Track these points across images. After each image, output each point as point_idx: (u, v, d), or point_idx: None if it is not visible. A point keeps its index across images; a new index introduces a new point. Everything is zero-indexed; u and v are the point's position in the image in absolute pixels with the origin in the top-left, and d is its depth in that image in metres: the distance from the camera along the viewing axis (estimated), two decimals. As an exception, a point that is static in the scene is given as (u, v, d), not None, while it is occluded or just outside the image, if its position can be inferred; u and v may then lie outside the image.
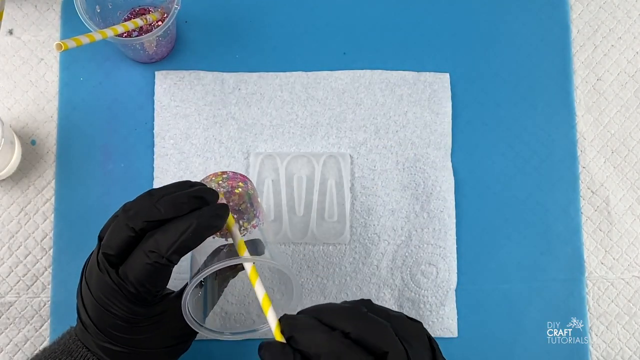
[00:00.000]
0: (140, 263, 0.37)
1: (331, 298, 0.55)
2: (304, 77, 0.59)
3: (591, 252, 0.58)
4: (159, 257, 0.37)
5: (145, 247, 0.37)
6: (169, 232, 0.37)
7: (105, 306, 0.38)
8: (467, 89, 0.60)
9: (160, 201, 0.38)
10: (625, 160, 0.60)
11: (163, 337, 0.41)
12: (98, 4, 0.54)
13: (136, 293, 0.38)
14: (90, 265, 0.39)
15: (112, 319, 0.39)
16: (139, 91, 0.58)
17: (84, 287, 0.40)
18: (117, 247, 0.38)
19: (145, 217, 0.37)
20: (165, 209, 0.38)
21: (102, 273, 0.38)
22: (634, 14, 0.62)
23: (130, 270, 0.37)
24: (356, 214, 0.57)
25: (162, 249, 0.37)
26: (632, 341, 0.57)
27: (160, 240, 0.37)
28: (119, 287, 0.38)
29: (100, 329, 0.39)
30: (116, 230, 0.38)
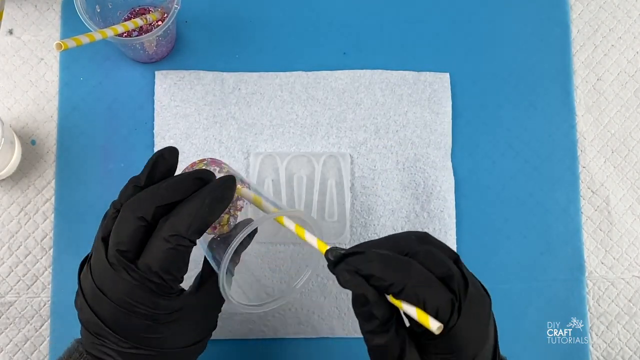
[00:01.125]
0: (162, 250, 0.36)
1: (331, 298, 0.56)
2: (304, 77, 0.59)
3: (591, 252, 0.58)
4: (181, 239, 0.36)
5: (163, 232, 0.36)
6: (184, 213, 0.36)
7: (129, 308, 0.37)
8: (467, 89, 0.60)
9: (163, 187, 0.37)
10: (626, 160, 0.60)
11: (184, 334, 0.40)
12: (98, 4, 0.54)
13: (160, 283, 0.36)
14: (100, 272, 0.37)
15: (138, 320, 0.37)
16: (139, 91, 0.58)
17: (97, 298, 0.37)
18: (130, 241, 0.36)
19: (155, 204, 0.37)
20: (171, 192, 0.37)
21: (121, 273, 0.36)
22: (634, 13, 0.62)
23: (153, 260, 0.36)
24: (356, 214, 0.57)
25: (182, 230, 0.36)
26: (632, 341, 0.57)
27: (178, 222, 0.36)
28: (142, 282, 0.36)
29: (124, 335, 0.37)
30: (124, 224, 0.37)
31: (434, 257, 0.36)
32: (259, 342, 0.55)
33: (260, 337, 0.55)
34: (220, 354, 0.55)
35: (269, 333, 0.55)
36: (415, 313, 0.34)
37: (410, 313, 0.34)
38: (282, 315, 0.55)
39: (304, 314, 0.55)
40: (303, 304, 0.55)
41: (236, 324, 0.55)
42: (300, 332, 0.55)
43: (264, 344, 0.55)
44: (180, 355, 0.40)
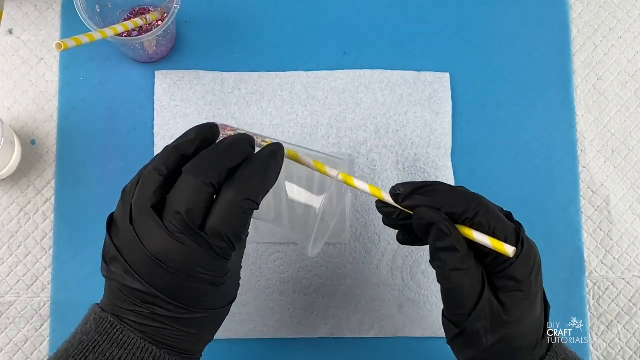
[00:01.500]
0: (235, 214, 0.36)
1: (331, 298, 0.56)
2: (304, 77, 0.59)
3: (591, 251, 0.58)
4: (251, 202, 0.37)
5: (233, 197, 0.36)
6: (252, 177, 0.37)
7: (191, 274, 0.37)
8: (467, 89, 0.60)
9: (223, 151, 0.38)
10: (626, 159, 0.60)
11: (230, 292, 0.41)
12: (98, 4, 0.54)
13: (225, 246, 0.37)
14: (156, 242, 0.36)
15: (198, 285, 0.37)
16: (139, 91, 0.58)
17: (152, 268, 0.36)
18: (200, 208, 0.36)
19: (223, 168, 0.37)
20: (235, 157, 0.38)
21: (184, 240, 0.36)
22: (634, 13, 0.62)
23: (224, 225, 0.36)
24: (356, 214, 0.57)
25: (252, 194, 0.37)
26: (632, 341, 0.57)
27: (248, 187, 0.37)
28: (209, 247, 0.36)
29: (180, 302, 0.37)
30: (192, 191, 0.36)
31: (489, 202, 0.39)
32: (259, 342, 0.55)
33: (260, 337, 0.55)
34: (220, 354, 0.54)
35: (269, 333, 0.55)
36: (489, 240, 0.36)
37: (483, 241, 0.36)
38: (282, 315, 0.55)
39: (304, 314, 0.55)
40: (303, 304, 0.55)
41: (236, 324, 0.55)
42: (300, 332, 0.55)
43: (264, 344, 0.55)
44: (224, 313, 0.42)
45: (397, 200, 0.40)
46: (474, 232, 0.37)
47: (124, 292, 0.38)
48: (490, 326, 0.38)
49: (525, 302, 0.38)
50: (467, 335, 0.39)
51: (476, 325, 0.38)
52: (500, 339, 0.38)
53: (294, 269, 0.56)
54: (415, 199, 0.38)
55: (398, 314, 0.55)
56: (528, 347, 0.39)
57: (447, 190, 0.39)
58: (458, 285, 0.37)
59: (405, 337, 0.55)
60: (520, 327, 0.38)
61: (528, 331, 0.39)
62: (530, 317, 0.39)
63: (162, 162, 0.38)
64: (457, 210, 0.37)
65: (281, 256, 0.56)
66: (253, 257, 0.56)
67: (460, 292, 0.38)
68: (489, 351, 0.38)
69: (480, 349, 0.38)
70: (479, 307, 0.37)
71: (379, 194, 0.40)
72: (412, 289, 0.56)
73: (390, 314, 0.55)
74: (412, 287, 0.56)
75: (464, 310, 0.38)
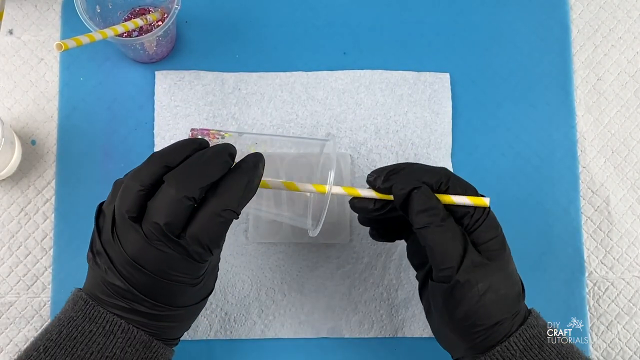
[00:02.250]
0: (215, 224, 0.39)
1: (331, 298, 0.56)
2: (304, 77, 0.59)
3: (591, 252, 0.58)
4: (231, 213, 0.39)
5: (214, 208, 0.38)
6: (232, 189, 0.39)
7: (168, 278, 0.39)
8: (467, 89, 0.60)
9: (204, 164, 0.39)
10: (626, 160, 0.60)
11: (205, 289, 0.44)
12: (98, 4, 0.54)
13: (204, 253, 0.39)
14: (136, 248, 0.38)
15: (175, 287, 0.40)
16: (139, 91, 0.58)
17: (131, 269, 0.39)
18: (180, 220, 0.38)
19: (203, 183, 0.38)
20: (216, 171, 0.39)
21: (163, 248, 0.38)
22: (634, 13, 0.62)
23: (203, 234, 0.38)
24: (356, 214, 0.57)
25: (233, 205, 0.39)
26: (632, 341, 0.57)
27: (229, 198, 0.39)
28: (187, 254, 0.39)
29: (158, 300, 0.40)
30: (173, 204, 0.38)
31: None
32: (259, 342, 0.55)
33: (260, 337, 0.55)
34: (220, 354, 0.55)
35: (269, 333, 0.55)
36: (467, 198, 0.41)
37: (462, 201, 0.41)
38: (282, 315, 0.55)
39: (304, 314, 0.55)
40: (303, 304, 0.55)
41: (236, 324, 0.55)
42: (300, 332, 0.55)
43: (264, 344, 0.55)
44: (201, 306, 0.44)
45: (374, 185, 0.43)
46: (452, 197, 0.42)
47: (106, 286, 0.40)
48: (479, 275, 0.41)
49: (502, 252, 0.42)
50: (459, 287, 0.41)
51: (466, 276, 0.40)
52: (490, 286, 0.41)
53: (294, 269, 0.56)
54: (391, 179, 0.42)
55: (398, 314, 0.55)
56: (513, 297, 0.42)
57: (418, 166, 0.43)
58: (444, 241, 0.40)
59: (405, 337, 0.55)
60: (503, 275, 0.42)
61: (510, 280, 0.42)
62: (509, 266, 0.43)
63: (146, 173, 0.39)
64: (432, 181, 0.42)
65: (281, 256, 0.56)
66: (253, 257, 0.56)
67: (446, 247, 0.41)
68: (481, 300, 0.41)
69: (474, 298, 0.41)
70: (466, 259, 0.40)
71: (355, 192, 0.44)
72: (411, 289, 0.56)
73: (390, 314, 0.55)
74: (412, 287, 0.56)
75: (452, 263, 0.41)
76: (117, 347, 0.40)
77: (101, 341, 0.39)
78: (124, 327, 0.40)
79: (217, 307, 0.55)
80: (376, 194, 0.43)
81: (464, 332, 0.42)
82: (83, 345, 0.39)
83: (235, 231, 0.56)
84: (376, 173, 0.43)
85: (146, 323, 0.41)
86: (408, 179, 0.42)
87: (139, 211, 0.39)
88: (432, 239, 0.41)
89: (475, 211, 0.42)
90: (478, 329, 0.41)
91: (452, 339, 0.44)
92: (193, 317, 0.45)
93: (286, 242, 0.56)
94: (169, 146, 0.41)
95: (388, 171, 0.43)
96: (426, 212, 0.41)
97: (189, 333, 0.54)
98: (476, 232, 0.42)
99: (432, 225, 0.41)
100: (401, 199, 0.42)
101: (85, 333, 0.40)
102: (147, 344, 0.41)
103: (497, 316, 0.41)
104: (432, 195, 0.41)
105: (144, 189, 0.39)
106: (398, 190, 0.42)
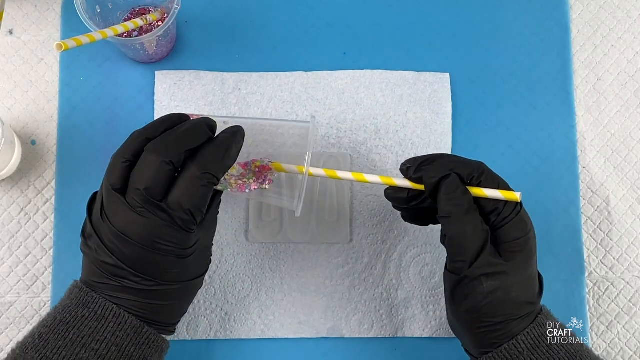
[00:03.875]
0: (194, 187, 0.39)
1: (331, 298, 0.56)
2: (304, 77, 0.59)
3: (591, 252, 0.58)
4: (210, 176, 0.40)
5: (193, 172, 0.40)
6: (212, 155, 0.41)
7: (155, 247, 0.40)
8: (467, 89, 0.60)
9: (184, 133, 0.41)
10: (626, 160, 0.60)
11: (195, 267, 0.44)
12: (98, 4, 0.54)
13: (188, 219, 0.40)
14: (121, 218, 0.40)
15: (162, 258, 0.40)
16: (139, 91, 0.58)
17: (119, 242, 0.40)
18: (159, 184, 0.39)
19: (184, 148, 0.40)
20: (196, 137, 0.41)
21: (146, 215, 0.39)
22: (634, 14, 0.62)
23: (184, 197, 0.39)
24: (356, 214, 0.57)
25: (212, 168, 0.40)
26: (632, 341, 0.57)
27: (208, 162, 0.40)
28: (171, 220, 0.39)
29: (146, 274, 0.41)
30: (152, 168, 0.39)
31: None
32: (259, 342, 0.55)
33: (260, 337, 0.55)
34: (220, 354, 0.55)
35: (269, 333, 0.55)
36: (499, 192, 0.42)
37: (494, 194, 0.42)
38: (282, 315, 0.55)
39: (304, 314, 0.55)
40: (303, 304, 0.55)
41: (236, 324, 0.55)
42: (300, 332, 0.55)
43: (264, 344, 0.55)
44: (192, 287, 0.45)
45: (407, 174, 0.44)
46: (484, 190, 0.42)
47: (97, 266, 0.41)
48: (490, 273, 0.41)
49: (523, 255, 0.42)
50: (467, 282, 0.41)
51: (477, 272, 0.41)
52: (500, 286, 0.41)
53: (294, 269, 0.56)
54: (424, 169, 0.43)
55: (398, 314, 0.55)
56: (524, 301, 0.42)
57: (452, 157, 0.44)
58: (463, 233, 0.41)
59: (405, 337, 0.55)
60: (518, 278, 0.42)
61: (525, 284, 0.43)
62: (527, 271, 0.43)
63: (127, 147, 0.41)
64: (464, 173, 0.42)
65: (281, 256, 0.56)
66: (253, 257, 0.56)
67: (463, 240, 0.41)
68: (488, 298, 0.41)
69: (480, 295, 0.41)
70: (482, 256, 0.41)
71: (391, 181, 0.45)
72: (411, 289, 0.56)
73: (390, 314, 0.55)
74: (412, 287, 0.56)
75: (465, 257, 0.41)
76: (108, 331, 0.40)
77: (92, 325, 0.40)
78: (115, 312, 0.41)
79: (217, 307, 0.55)
80: (410, 183, 0.44)
81: (469, 324, 0.43)
82: (75, 330, 0.40)
83: (236, 231, 0.56)
84: (409, 162, 0.44)
85: (137, 303, 0.41)
86: (440, 169, 0.42)
87: (123, 182, 0.40)
88: (451, 229, 0.42)
89: (505, 208, 0.42)
90: (482, 324, 0.42)
91: (458, 328, 0.45)
92: (183, 301, 0.45)
93: (286, 242, 0.56)
94: (150, 122, 0.43)
95: (421, 161, 0.43)
96: (451, 201, 0.41)
97: (189, 333, 0.54)
98: (502, 229, 0.42)
99: (454, 215, 0.41)
100: (431, 187, 0.42)
101: (77, 318, 0.40)
102: (138, 328, 0.41)
103: (502, 316, 0.41)
104: (460, 186, 0.42)
105: (126, 160, 0.40)
106: (429, 178, 0.42)
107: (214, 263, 0.55)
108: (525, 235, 0.43)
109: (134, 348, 0.41)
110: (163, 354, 0.44)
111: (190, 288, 0.45)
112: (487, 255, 0.41)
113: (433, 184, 0.42)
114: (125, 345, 0.41)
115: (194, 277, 0.44)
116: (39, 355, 0.39)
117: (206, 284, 0.55)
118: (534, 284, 0.44)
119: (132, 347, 0.41)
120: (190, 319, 0.54)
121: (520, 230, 0.43)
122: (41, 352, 0.39)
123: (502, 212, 0.42)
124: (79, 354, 0.39)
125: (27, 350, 0.40)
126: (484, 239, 0.41)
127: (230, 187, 0.47)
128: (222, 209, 0.56)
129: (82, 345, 0.39)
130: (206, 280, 0.55)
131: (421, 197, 0.45)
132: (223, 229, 0.56)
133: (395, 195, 0.46)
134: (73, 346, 0.39)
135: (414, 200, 0.45)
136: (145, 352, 0.42)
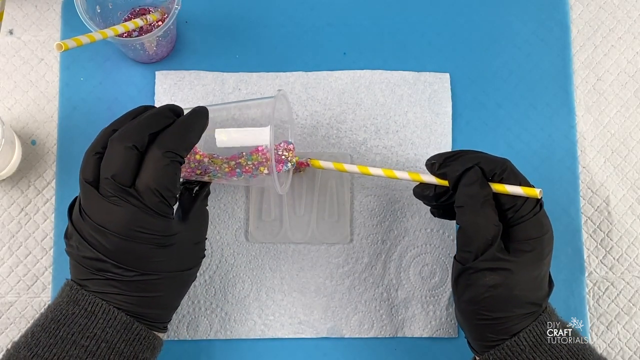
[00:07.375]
0: (159, 166, 0.40)
1: (331, 298, 0.56)
2: (304, 77, 0.59)
3: (591, 252, 0.58)
4: (173, 154, 0.40)
5: (155, 153, 0.40)
6: (173, 133, 0.41)
7: (132, 235, 0.40)
8: (467, 89, 0.60)
9: (147, 118, 0.42)
10: (626, 160, 0.60)
11: (181, 259, 0.44)
12: (98, 4, 0.54)
13: (160, 201, 0.40)
14: (95, 210, 0.40)
15: (141, 247, 0.40)
16: (139, 91, 0.58)
17: (97, 234, 0.40)
18: (125, 169, 0.40)
19: (146, 132, 0.40)
20: (158, 120, 0.42)
21: (119, 202, 0.39)
22: (634, 14, 0.62)
23: (150, 178, 0.40)
24: (356, 214, 0.57)
25: (173, 147, 0.40)
26: (632, 341, 0.57)
27: (170, 141, 0.41)
28: (143, 204, 0.39)
29: (128, 264, 0.41)
30: (116, 155, 0.40)
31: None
32: (259, 342, 0.55)
33: (260, 337, 0.55)
34: (220, 354, 0.55)
35: (269, 333, 0.55)
36: (520, 188, 0.42)
37: (515, 190, 0.42)
38: (282, 315, 0.55)
39: (304, 314, 0.55)
40: (303, 304, 0.55)
41: (236, 324, 0.55)
42: (300, 332, 0.55)
43: (264, 344, 0.55)
44: (180, 279, 0.44)
45: (432, 170, 0.45)
46: (506, 186, 0.42)
47: (81, 263, 0.41)
48: (495, 268, 0.41)
49: (534, 255, 0.42)
50: (470, 273, 0.42)
51: (481, 266, 0.42)
52: (502, 283, 0.41)
53: (294, 269, 0.56)
54: (449, 165, 0.44)
55: (398, 314, 0.55)
56: (527, 301, 0.42)
57: (477, 153, 0.44)
58: (474, 226, 0.41)
59: (405, 337, 0.55)
60: (524, 277, 0.42)
61: (531, 284, 0.43)
62: (535, 272, 0.43)
63: (98, 141, 0.42)
64: (487, 168, 0.43)
65: (281, 256, 0.56)
66: (253, 257, 0.56)
67: (473, 232, 0.41)
68: (489, 292, 0.41)
69: (481, 288, 0.41)
70: (489, 251, 0.41)
71: (418, 177, 0.46)
72: (411, 289, 0.56)
73: (390, 314, 0.55)
74: (412, 287, 0.56)
75: (472, 249, 0.42)
76: (98, 328, 0.40)
77: (82, 322, 0.40)
78: (104, 308, 0.41)
79: (217, 307, 0.55)
80: (437, 179, 0.45)
81: (469, 315, 0.44)
82: (65, 327, 0.40)
83: (236, 231, 0.56)
84: (434, 159, 0.45)
85: (124, 297, 0.41)
86: (464, 163, 0.43)
87: (96, 175, 0.41)
88: (464, 219, 0.42)
89: (523, 207, 0.42)
90: (481, 317, 0.42)
91: (460, 317, 0.46)
92: (172, 293, 0.45)
93: (286, 242, 0.56)
94: (118, 118, 0.44)
95: (446, 157, 0.44)
96: (467, 192, 0.42)
97: (189, 333, 0.54)
98: (518, 226, 0.43)
99: (467, 206, 0.42)
100: (454, 181, 0.43)
101: (68, 315, 0.41)
102: (127, 325, 0.41)
103: (501, 312, 0.42)
104: (480, 178, 0.42)
105: (96, 153, 0.41)
106: (452, 172, 0.43)
107: (214, 263, 0.55)
108: (539, 237, 0.43)
109: (124, 344, 0.41)
110: (155, 352, 0.44)
111: (179, 280, 0.44)
112: (495, 250, 0.41)
113: (456, 177, 0.43)
114: (115, 341, 0.41)
115: (181, 269, 0.44)
116: (31, 353, 0.39)
117: (206, 284, 0.55)
118: (542, 286, 0.44)
119: (122, 343, 0.41)
120: (190, 319, 0.54)
121: (536, 231, 0.43)
122: (33, 350, 0.39)
123: (519, 209, 0.42)
124: (69, 351, 0.39)
125: (19, 349, 0.40)
126: (494, 234, 0.42)
127: (221, 173, 0.47)
128: (222, 209, 0.56)
129: (72, 342, 0.40)
130: (206, 280, 0.55)
131: (448, 193, 0.45)
132: (223, 229, 0.56)
133: (422, 194, 0.47)
134: (63, 343, 0.40)
135: (442, 197, 0.46)
136: (136, 349, 0.42)
